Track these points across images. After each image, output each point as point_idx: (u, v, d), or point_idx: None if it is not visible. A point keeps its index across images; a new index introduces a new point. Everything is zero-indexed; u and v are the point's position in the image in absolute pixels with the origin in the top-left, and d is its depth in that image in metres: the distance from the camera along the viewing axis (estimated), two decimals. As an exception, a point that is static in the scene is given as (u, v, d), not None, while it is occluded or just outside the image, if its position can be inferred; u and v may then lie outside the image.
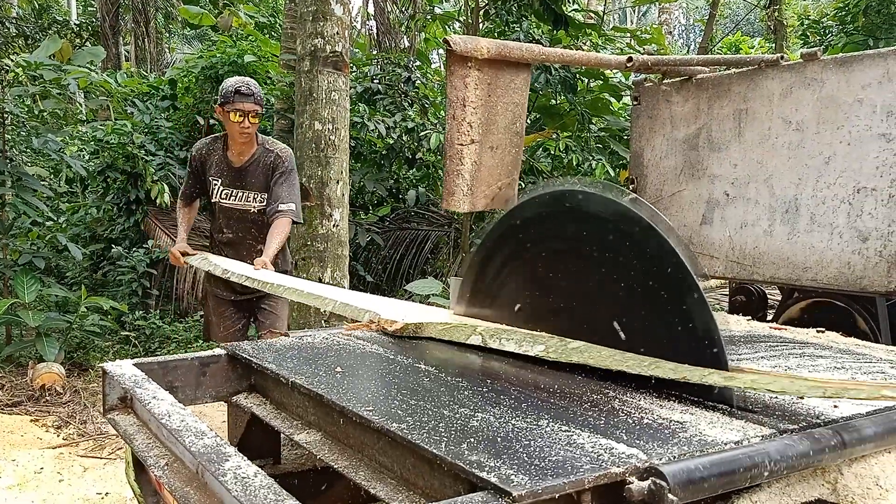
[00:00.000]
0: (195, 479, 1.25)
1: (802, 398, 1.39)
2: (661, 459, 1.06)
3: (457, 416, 1.27)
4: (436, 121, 7.58)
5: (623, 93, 7.56)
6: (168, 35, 15.12)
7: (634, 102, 3.07)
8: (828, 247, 2.40)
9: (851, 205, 2.34)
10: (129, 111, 7.67)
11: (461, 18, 8.33)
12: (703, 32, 11.90)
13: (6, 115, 5.44)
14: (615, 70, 6.16)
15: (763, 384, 1.28)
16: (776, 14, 11.33)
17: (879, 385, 1.33)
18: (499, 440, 1.15)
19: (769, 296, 3.31)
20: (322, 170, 5.00)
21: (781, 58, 2.55)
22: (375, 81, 7.65)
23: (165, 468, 1.35)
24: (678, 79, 2.88)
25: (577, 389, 1.47)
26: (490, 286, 1.91)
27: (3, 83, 5.50)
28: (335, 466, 1.35)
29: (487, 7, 7.04)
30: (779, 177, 2.54)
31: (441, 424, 1.22)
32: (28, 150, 6.40)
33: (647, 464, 1.05)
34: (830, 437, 1.20)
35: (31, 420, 4.43)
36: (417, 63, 8.40)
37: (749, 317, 2.69)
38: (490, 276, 1.90)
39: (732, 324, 2.43)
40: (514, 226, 1.78)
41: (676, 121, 2.89)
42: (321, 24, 4.96)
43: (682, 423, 1.25)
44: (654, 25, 14.35)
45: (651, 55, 2.85)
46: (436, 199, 7.90)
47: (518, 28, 6.82)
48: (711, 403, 1.37)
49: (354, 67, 7.68)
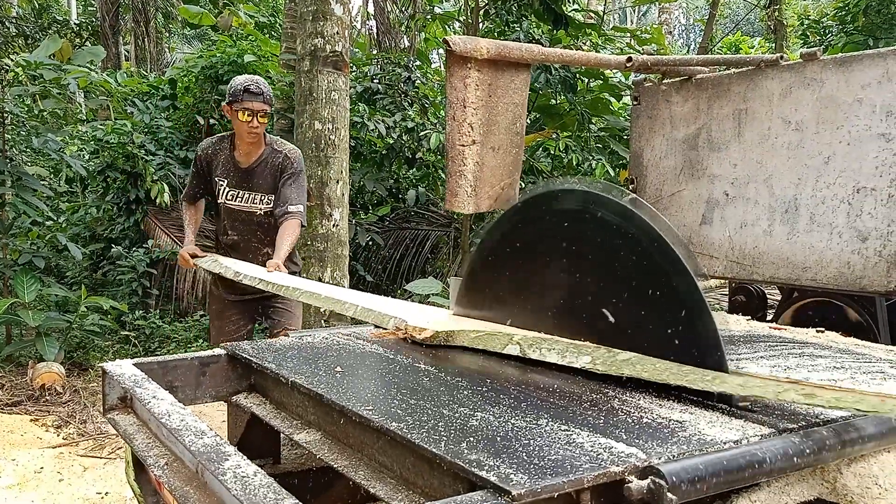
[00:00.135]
0: (195, 479, 1.25)
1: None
2: (661, 458, 1.07)
3: (456, 416, 1.27)
4: (436, 121, 7.58)
5: (623, 93, 7.57)
6: (168, 35, 15.13)
7: (634, 102, 3.07)
8: (827, 247, 2.40)
9: (851, 205, 2.34)
10: (129, 111, 7.68)
11: (461, 18, 8.33)
12: (703, 32, 11.90)
13: (6, 115, 5.44)
14: (615, 70, 6.16)
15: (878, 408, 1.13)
16: (776, 14, 11.34)
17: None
18: (498, 439, 1.15)
19: (769, 296, 3.31)
20: (322, 169, 5.01)
21: (781, 58, 2.55)
22: (375, 81, 7.65)
23: (165, 468, 1.35)
24: (678, 79, 2.88)
25: (577, 389, 1.47)
26: (489, 286, 1.91)
27: (3, 83, 5.50)
28: (335, 466, 1.35)
29: (487, 7, 7.04)
30: (778, 177, 2.54)
31: (441, 424, 1.22)
32: (28, 150, 6.40)
33: (647, 463, 1.05)
34: (830, 437, 1.20)
35: (31, 420, 4.43)
36: (417, 63, 8.41)
37: (749, 317, 2.70)
38: (490, 277, 1.90)
39: (732, 324, 2.43)
40: (514, 226, 1.78)
41: (676, 121, 2.89)
42: (321, 24, 4.96)
43: (682, 423, 1.25)
44: (654, 25, 14.35)
45: (651, 55, 2.84)
46: (436, 199, 7.90)
47: (518, 28, 6.82)
48: (711, 403, 1.37)
49: (354, 67, 7.69)
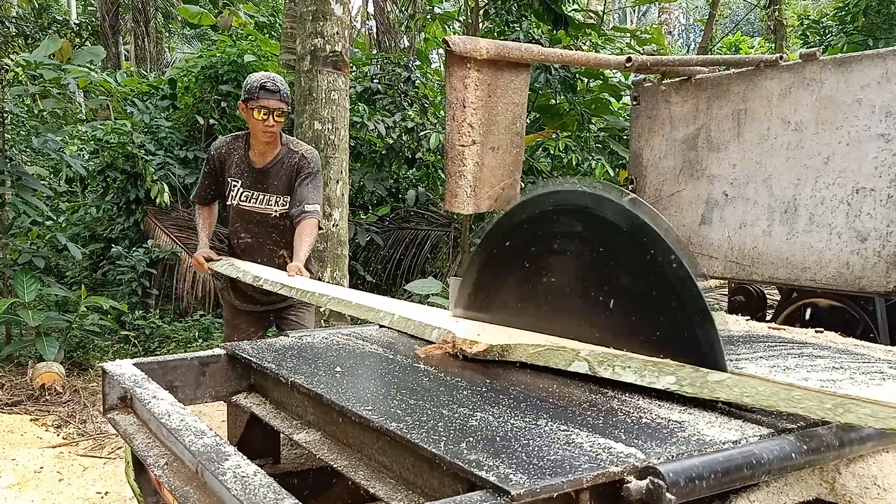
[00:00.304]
0: (195, 479, 1.25)
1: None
2: (660, 459, 1.07)
3: (456, 416, 1.27)
4: (435, 120, 7.58)
5: (623, 93, 7.57)
6: (168, 35, 15.12)
7: (634, 102, 3.07)
8: (826, 247, 2.40)
9: (850, 205, 2.35)
10: (129, 111, 7.67)
11: (461, 18, 8.33)
12: (703, 32, 11.89)
13: (6, 115, 5.44)
14: (615, 70, 6.16)
15: None
16: (776, 14, 11.33)
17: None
18: (498, 439, 1.15)
19: (768, 296, 3.31)
20: (322, 169, 5.00)
21: (781, 58, 2.55)
22: (375, 81, 7.65)
23: (165, 467, 1.35)
24: (677, 79, 2.88)
25: (576, 389, 1.47)
26: (489, 286, 1.91)
27: (3, 83, 5.50)
28: (335, 466, 1.35)
29: (487, 7, 7.04)
30: (778, 177, 2.54)
31: (440, 424, 1.22)
32: (28, 150, 6.39)
33: (646, 463, 1.05)
34: (828, 437, 1.21)
35: (31, 419, 4.43)
36: (417, 63, 8.41)
37: (748, 317, 2.70)
38: (489, 277, 1.90)
39: (731, 324, 2.44)
40: (513, 225, 1.78)
41: (676, 121, 2.89)
42: (321, 24, 4.96)
43: (681, 423, 1.25)
44: (654, 25, 14.36)
45: (650, 55, 2.84)
46: (435, 199, 7.90)
47: (518, 28, 6.82)
48: (710, 403, 1.37)
49: (354, 67, 7.69)
